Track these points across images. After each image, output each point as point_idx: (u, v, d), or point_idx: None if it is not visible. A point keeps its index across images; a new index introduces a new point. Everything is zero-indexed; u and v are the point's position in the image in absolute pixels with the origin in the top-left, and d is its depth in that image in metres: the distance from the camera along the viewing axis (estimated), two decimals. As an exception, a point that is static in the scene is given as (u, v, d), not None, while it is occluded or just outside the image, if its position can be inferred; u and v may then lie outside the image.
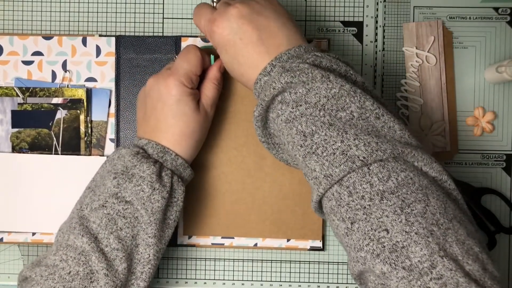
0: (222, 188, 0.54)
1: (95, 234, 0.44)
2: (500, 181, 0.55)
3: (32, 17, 0.56)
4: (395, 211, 0.36)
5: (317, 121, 0.39)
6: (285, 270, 0.55)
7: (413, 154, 0.38)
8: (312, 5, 0.55)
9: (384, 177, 0.37)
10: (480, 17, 0.55)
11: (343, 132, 0.39)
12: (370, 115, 0.40)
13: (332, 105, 0.40)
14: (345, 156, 0.38)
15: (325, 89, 0.40)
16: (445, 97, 0.54)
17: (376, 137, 0.38)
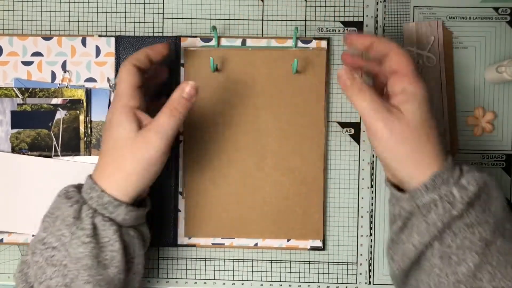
0: (222, 189, 0.54)
1: (31, 283, 0.42)
2: (500, 181, 0.55)
3: (31, 17, 0.55)
4: None
5: (496, 230, 0.40)
6: (285, 270, 0.55)
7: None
8: (312, 5, 0.55)
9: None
10: (480, 17, 0.55)
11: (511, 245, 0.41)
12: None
13: (503, 215, 0.42)
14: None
15: (500, 199, 0.42)
16: (445, 97, 0.54)
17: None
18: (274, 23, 0.55)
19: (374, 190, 0.55)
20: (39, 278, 0.41)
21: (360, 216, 0.55)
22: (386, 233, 0.55)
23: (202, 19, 0.55)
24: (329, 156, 0.55)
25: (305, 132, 0.54)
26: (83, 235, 0.41)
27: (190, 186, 0.54)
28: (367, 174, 0.55)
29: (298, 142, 0.54)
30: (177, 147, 0.54)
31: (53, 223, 0.43)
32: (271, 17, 0.55)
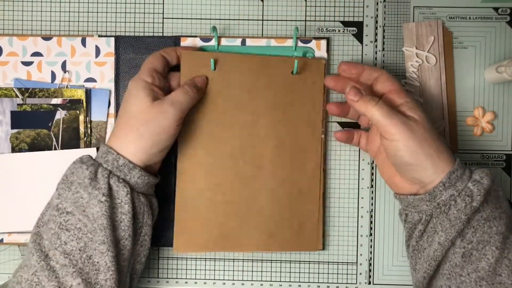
0: (215, 198, 0.52)
1: (46, 252, 0.43)
2: (500, 181, 0.55)
3: (31, 17, 0.55)
4: None
5: (508, 226, 0.43)
6: (285, 270, 0.55)
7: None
8: (312, 5, 0.55)
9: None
10: (480, 17, 0.55)
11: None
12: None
13: (510, 211, 0.45)
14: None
15: (504, 198, 0.45)
16: (445, 97, 0.54)
17: None
18: (274, 23, 0.55)
19: (374, 190, 0.55)
20: (54, 244, 0.43)
21: (360, 216, 0.55)
22: (386, 233, 0.55)
23: (202, 19, 0.55)
24: (329, 156, 0.55)
25: (303, 141, 0.53)
26: (100, 194, 0.43)
27: (182, 195, 0.52)
28: (367, 174, 0.55)
29: (295, 152, 0.53)
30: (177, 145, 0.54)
31: (68, 188, 0.44)
32: (271, 17, 0.55)
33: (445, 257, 0.44)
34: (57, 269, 0.42)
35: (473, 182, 0.43)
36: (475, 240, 0.43)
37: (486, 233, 0.42)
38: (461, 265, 0.43)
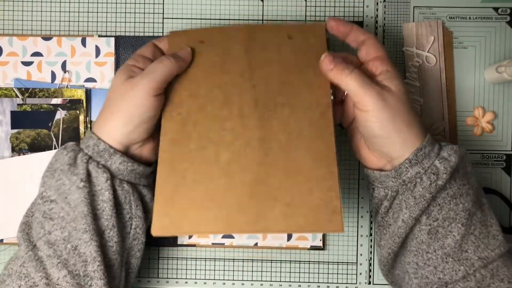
0: (210, 162, 0.43)
1: (34, 242, 0.42)
2: (500, 181, 0.55)
3: (31, 17, 0.55)
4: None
5: (475, 203, 0.43)
6: (285, 270, 0.55)
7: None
8: (312, 5, 0.55)
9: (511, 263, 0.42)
10: (480, 17, 0.55)
11: (490, 217, 0.43)
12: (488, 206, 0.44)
13: (479, 190, 0.44)
14: (496, 240, 0.42)
15: (474, 174, 0.45)
16: (445, 97, 0.54)
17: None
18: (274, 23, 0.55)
19: (374, 190, 0.55)
20: (38, 234, 0.42)
21: (360, 216, 0.55)
22: (386, 233, 0.55)
23: (202, 19, 0.55)
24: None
25: (310, 102, 0.45)
26: (78, 180, 0.42)
27: (166, 160, 0.43)
28: (367, 174, 0.55)
29: (305, 111, 0.45)
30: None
31: (51, 175, 0.43)
32: (271, 17, 0.55)
33: (412, 234, 0.44)
34: (44, 260, 0.41)
35: (440, 160, 0.42)
36: (441, 217, 0.42)
37: (452, 210, 0.42)
38: (427, 242, 0.43)
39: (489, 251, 0.41)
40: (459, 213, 0.42)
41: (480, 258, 0.41)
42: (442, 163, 0.42)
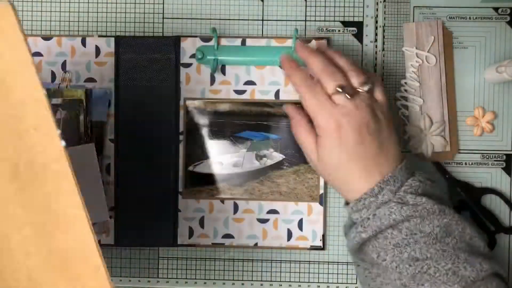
0: None
1: None
2: (500, 181, 0.55)
3: (31, 17, 0.55)
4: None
5: (430, 248, 0.43)
6: (285, 270, 0.55)
7: (497, 266, 0.44)
8: (312, 5, 0.55)
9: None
10: (480, 17, 0.55)
11: (455, 257, 0.43)
12: (466, 237, 0.45)
13: (443, 232, 0.44)
14: (457, 276, 0.42)
15: (438, 220, 0.44)
16: (445, 97, 0.54)
17: (474, 256, 0.43)
18: (274, 23, 0.55)
19: (374, 190, 0.55)
20: None
21: (360, 216, 0.55)
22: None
23: (202, 19, 0.55)
24: (329, 156, 0.55)
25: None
26: None
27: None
28: (367, 174, 0.55)
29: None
30: (177, 146, 0.54)
31: None
32: (271, 17, 0.55)
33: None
34: None
35: (373, 217, 0.44)
36: (388, 259, 0.44)
37: (397, 256, 0.43)
38: (388, 270, 0.45)
39: (447, 286, 0.42)
40: (404, 259, 0.43)
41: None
42: (373, 219, 0.44)
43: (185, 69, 0.55)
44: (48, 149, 0.34)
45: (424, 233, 0.43)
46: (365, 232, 0.45)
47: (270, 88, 0.55)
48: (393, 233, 0.44)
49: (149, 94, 0.55)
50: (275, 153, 0.55)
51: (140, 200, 0.54)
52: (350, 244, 0.47)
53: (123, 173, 0.54)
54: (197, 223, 0.55)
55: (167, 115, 0.55)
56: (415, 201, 0.44)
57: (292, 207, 0.55)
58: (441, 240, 0.43)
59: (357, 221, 0.46)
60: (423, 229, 0.43)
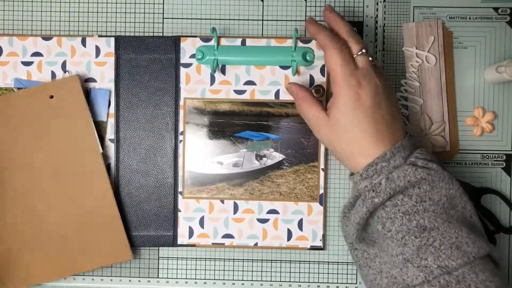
0: (13, 237, 0.53)
1: None
2: (500, 181, 0.55)
3: (31, 17, 0.55)
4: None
5: (438, 218, 0.43)
6: (285, 270, 0.55)
7: (494, 251, 0.45)
8: (312, 5, 0.55)
9: (482, 269, 0.42)
10: (480, 17, 0.55)
11: (459, 229, 0.43)
12: (467, 214, 0.45)
13: (448, 203, 0.44)
14: (460, 251, 0.42)
15: (446, 189, 0.44)
16: (445, 97, 0.54)
17: (474, 234, 0.44)
18: (274, 23, 0.55)
19: (374, 190, 0.55)
20: None
21: (360, 216, 0.55)
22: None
23: (202, 19, 0.55)
24: (329, 156, 0.55)
25: (82, 163, 0.53)
26: None
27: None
28: (367, 174, 0.55)
29: (77, 175, 0.53)
30: (177, 146, 0.54)
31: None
32: (271, 17, 0.55)
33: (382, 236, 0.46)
34: None
35: (387, 179, 0.44)
36: (394, 229, 0.44)
37: (405, 225, 0.43)
38: (392, 245, 0.45)
39: (451, 261, 0.42)
40: (412, 229, 0.43)
41: (440, 266, 0.42)
42: (387, 182, 0.44)
43: (185, 69, 0.55)
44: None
45: (433, 201, 0.43)
46: (377, 197, 0.44)
47: (270, 88, 0.55)
48: (404, 200, 0.43)
49: (149, 94, 0.55)
50: (275, 153, 0.55)
51: (140, 200, 0.54)
52: (355, 219, 0.46)
53: (123, 173, 0.55)
54: (197, 223, 0.55)
55: (167, 115, 0.55)
56: (427, 166, 0.44)
57: (292, 207, 0.55)
58: (446, 211, 0.44)
59: (365, 190, 0.45)
60: (432, 197, 0.44)
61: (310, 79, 0.54)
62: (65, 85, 0.53)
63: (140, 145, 0.55)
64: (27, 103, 0.53)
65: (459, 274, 0.42)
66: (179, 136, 0.55)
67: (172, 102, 0.55)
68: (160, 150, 0.55)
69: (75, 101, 0.53)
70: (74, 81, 0.53)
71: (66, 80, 0.53)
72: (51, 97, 0.53)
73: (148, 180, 0.55)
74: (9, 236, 0.53)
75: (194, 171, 0.55)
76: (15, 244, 0.53)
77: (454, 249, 0.42)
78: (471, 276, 0.42)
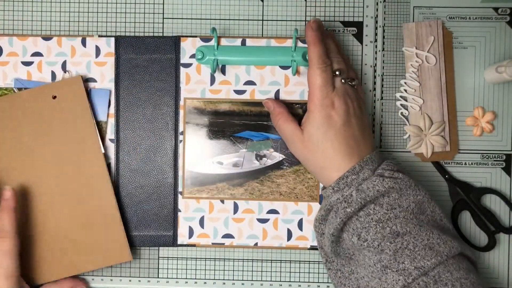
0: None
1: None
2: (500, 181, 0.55)
3: (31, 17, 0.55)
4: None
5: (409, 223, 0.46)
6: (285, 270, 0.55)
7: (467, 250, 0.48)
8: (312, 5, 0.55)
9: (457, 268, 0.45)
10: (480, 17, 0.55)
11: (430, 232, 0.46)
12: (436, 218, 0.48)
13: (417, 209, 0.47)
14: (433, 251, 0.45)
15: (413, 196, 0.47)
16: (445, 97, 0.54)
17: (446, 234, 0.46)
18: (274, 23, 0.55)
19: (374, 190, 0.55)
20: None
21: (360, 216, 0.55)
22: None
23: (202, 19, 0.55)
24: (329, 156, 0.55)
25: (84, 163, 0.53)
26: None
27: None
28: (367, 174, 0.55)
29: (80, 177, 0.53)
30: (177, 146, 0.54)
31: None
32: (271, 17, 0.55)
33: (358, 249, 0.48)
34: None
35: (357, 191, 0.46)
36: (370, 238, 0.46)
37: (379, 233, 0.45)
38: (368, 255, 0.47)
39: (426, 261, 0.44)
40: (387, 235, 0.45)
41: (416, 267, 0.44)
42: (357, 193, 0.46)
43: (185, 69, 0.55)
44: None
45: (403, 207, 0.46)
46: (350, 207, 0.46)
47: (270, 88, 0.55)
48: (376, 208, 0.46)
49: (149, 94, 0.55)
50: (275, 153, 0.55)
51: (140, 200, 0.54)
52: (329, 231, 0.48)
53: (123, 173, 0.55)
54: (197, 223, 0.55)
55: (167, 115, 0.55)
56: (394, 175, 0.47)
57: (292, 207, 0.55)
58: (417, 216, 0.47)
59: (337, 202, 0.47)
60: (401, 204, 0.46)
61: (310, 79, 0.54)
62: (68, 86, 0.53)
63: (140, 145, 0.55)
64: (30, 103, 0.53)
65: (435, 274, 0.44)
66: (179, 136, 0.55)
67: (172, 102, 0.55)
68: (160, 150, 0.55)
69: (78, 102, 0.53)
70: (78, 81, 0.53)
71: (69, 81, 0.53)
72: (54, 97, 0.53)
73: (148, 180, 0.55)
74: None
75: (194, 171, 0.55)
76: None
77: (428, 250, 0.45)
78: (446, 275, 0.44)
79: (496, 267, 0.55)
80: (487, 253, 0.55)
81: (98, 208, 0.53)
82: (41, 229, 0.53)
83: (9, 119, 0.53)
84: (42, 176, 0.53)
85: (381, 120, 0.55)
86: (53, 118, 0.53)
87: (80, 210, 0.53)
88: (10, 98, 0.53)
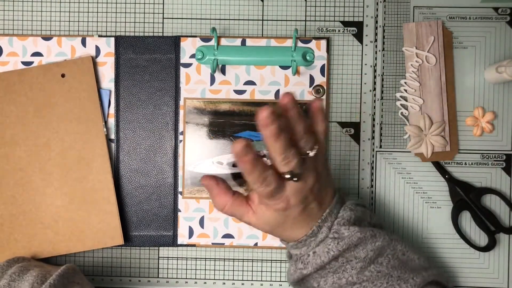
0: (10, 211, 0.53)
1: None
2: (500, 181, 0.55)
3: (31, 17, 0.55)
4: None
5: (365, 271, 0.46)
6: (285, 270, 0.55)
7: (434, 274, 0.48)
8: (312, 5, 0.55)
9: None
10: (480, 17, 0.55)
11: (389, 276, 0.46)
12: (399, 254, 0.47)
13: (376, 255, 0.46)
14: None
15: (371, 244, 0.46)
16: (445, 97, 0.54)
17: (408, 271, 0.47)
18: (274, 23, 0.55)
19: (374, 190, 0.55)
20: None
21: (360, 216, 0.55)
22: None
23: (202, 19, 0.55)
24: (329, 157, 0.55)
25: (86, 143, 0.53)
26: None
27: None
28: (367, 175, 0.55)
29: (80, 155, 0.53)
30: (177, 146, 0.54)
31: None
32: (271, 17, 0.55)
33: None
34: None
35: (313, 253, 0.46)
36: (327, 287, 0.46)
37: (336, 283, 0.46)
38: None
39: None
40: (343, 285, 0.46)
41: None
42: (313, 256, 0.46)
43: (185, 69, 0.55)
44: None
45: (359, 258, 0.45)
46: (306, 269, 0.46)
47: (270, 88, 0.55)
48: (331, 263, 0.45)
49: (149, 94, 0.55)
50: (275, 153, 0.55)
51: (140, 200, 0.55)
52: (290, 278, 0.48)
53: (123, 173, 0.55)
54: (197, 223, 0.55)
55: (167, 115, 0.55)
56: (349, 232, 0.45)
57: (292, 207, 0.55)
58: (374, 262, 0.46)
59: (296, 257, 0.47)
60: (357, 255, 0.45)
61: (310, 79, 0.55)
62: (78, 65, 0.53)
63: (140, 145, 0.55)
64: (39, 79, 0.53)
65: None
66: (179, 136, 0.55)
67: (172, 102, 0.55)
68: (160, 150, 0.55)
69: (86, 82, 0.53)
70: (88, 61, 0.54)
71: (80, 60, 0.53)
72: (63, 75, 0.53)
73: (148, 180, 0.55)
74: (5, 209, 0.53)
75: (194, 171, 0.55)
76: (7, 217, 0.53)
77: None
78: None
79: (496, 267, 0.55)
80: (487, 253, 0.55)
81: (95, 188, 0.53)
82: (36, 204, 0.53)
83: (17, 93, 0.53)
84: (43, 152, 0.53)
85: (381, 120, 0.55)
86: (60, 96, 0.53)
87: (77, 188, 0.53)
88: (20, 72, 0.53)
